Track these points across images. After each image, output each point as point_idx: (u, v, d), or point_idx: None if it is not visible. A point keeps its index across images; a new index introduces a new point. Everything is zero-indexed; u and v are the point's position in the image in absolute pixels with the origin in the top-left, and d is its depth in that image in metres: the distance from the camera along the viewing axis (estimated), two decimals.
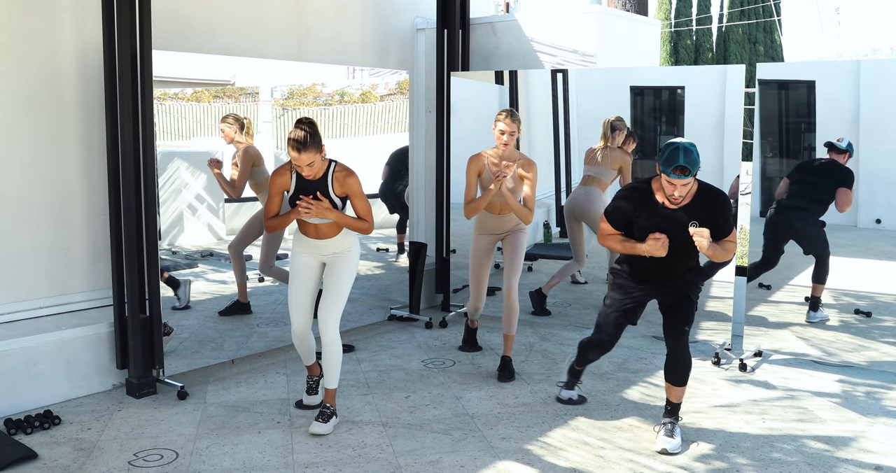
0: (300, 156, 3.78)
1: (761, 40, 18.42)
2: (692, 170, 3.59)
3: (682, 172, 3.58)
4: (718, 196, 3.86)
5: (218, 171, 5.15)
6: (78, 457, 3.74)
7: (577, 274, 6.21)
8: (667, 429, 3.90)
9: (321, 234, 4.04)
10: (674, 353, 3.90)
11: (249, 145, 5.19)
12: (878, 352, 5.10)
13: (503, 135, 4.71)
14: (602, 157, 5.68)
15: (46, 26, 4.56)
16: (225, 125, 5.13)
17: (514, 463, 3.70)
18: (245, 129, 5.16)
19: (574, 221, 5.90)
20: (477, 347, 5.51)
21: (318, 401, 4.36)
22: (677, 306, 3.94)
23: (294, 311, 4.13)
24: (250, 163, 5.18)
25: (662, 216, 3.79)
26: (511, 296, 4.87)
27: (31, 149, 4.57)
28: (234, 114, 5.18)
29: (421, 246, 6.31)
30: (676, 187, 3.65)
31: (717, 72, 7.31)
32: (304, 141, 3.76)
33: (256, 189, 5.27)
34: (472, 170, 4.86)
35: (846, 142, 5.06)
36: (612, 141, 5.65)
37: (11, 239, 4.53)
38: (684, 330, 3.90)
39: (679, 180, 3.61)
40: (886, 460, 3.76)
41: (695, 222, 3.74)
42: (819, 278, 5.27)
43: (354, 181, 3.97)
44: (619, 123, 5.64)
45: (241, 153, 5.17)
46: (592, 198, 5.75)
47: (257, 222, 5.36)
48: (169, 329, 4.78)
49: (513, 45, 6.48)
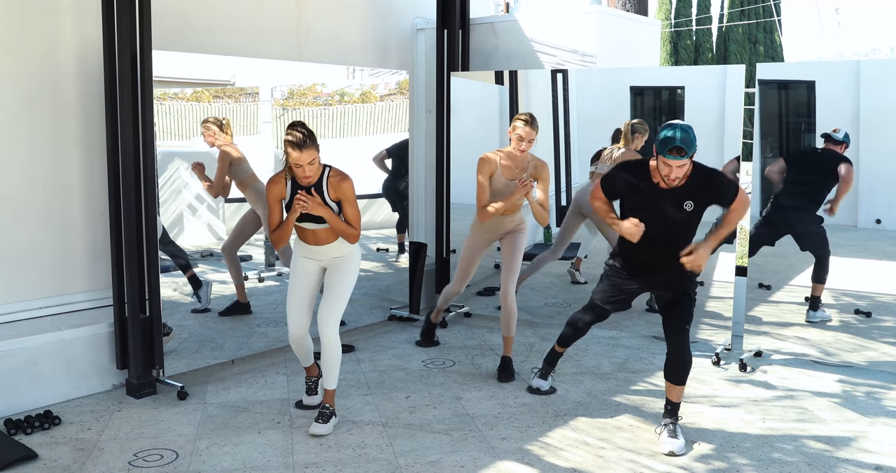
0: (301, 154, 3.78)
1: (761, 40, 18.41)
2: (688, 151, 3.63)
3: (678, 153, 3.63)
4: (711, 174, 3.92)
5: (202, 174, 5.16)
6: (78, 457, 3.74)
7: (577, 274, 6.21)
8: (669, 430, 3.90)
9: (320, 240, 4.05)
10: (674, 351, 3.91)
11: (224, 145, 5.16)
12: (878, 352, 5.10)
13: (521, 142, 4.66)
14: (618, 157, 5.72)
15: (46, 26, 4.56)
16: (204, 130, 5.11)
17: (514, 463, 3.70)
18: (223, 128, 5.14)
19: (576, 215, 5.90)
20: (435, 342, 5.54)
21: (317, 401, 4.37)
22: (676, 304, 3.95)
23: (291, 315, 4.13)
24: (226, 163, 5.18)
25: (655, 196, 3.84)
26: (508, 299, 4.87)
27: (31, 149, 4.57)
28: (212, 117, 5.15)
29: (421, 246, 6.31)
30: (672, 168, 3.69)
31: (717, 72, 7.31)
32: (304, 139, 3.77)
33: (241, 187, 5.27)
34: (485, 173, 4.78)
35: (843, 134, 5.07)
36: (631, 142, 5.68)
37: (12, 239, 4.53)
38: (684, 328, 3.91)
39: (675, 161, 3.65)
40: (886, 460, 3.76)
41: (689, 202, 3.80)
42: (819, 277, 5.26)
43: (349, 186, 3.98)
44: (639, 126, 5.66)
45: (219, 154, 5.16)
46: None
47: (248, 222, 5.35)
48: (168, 329, 4.79)
49: (513, 45, 6.48)
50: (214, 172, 5.19)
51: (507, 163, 4.77)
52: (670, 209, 3.83)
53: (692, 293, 4.01)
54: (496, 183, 4.78)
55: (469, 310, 6.41)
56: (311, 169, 3.85)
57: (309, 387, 4.39)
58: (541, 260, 6.01)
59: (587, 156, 6.00)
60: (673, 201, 3.82)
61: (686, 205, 3.81)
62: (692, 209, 3.83)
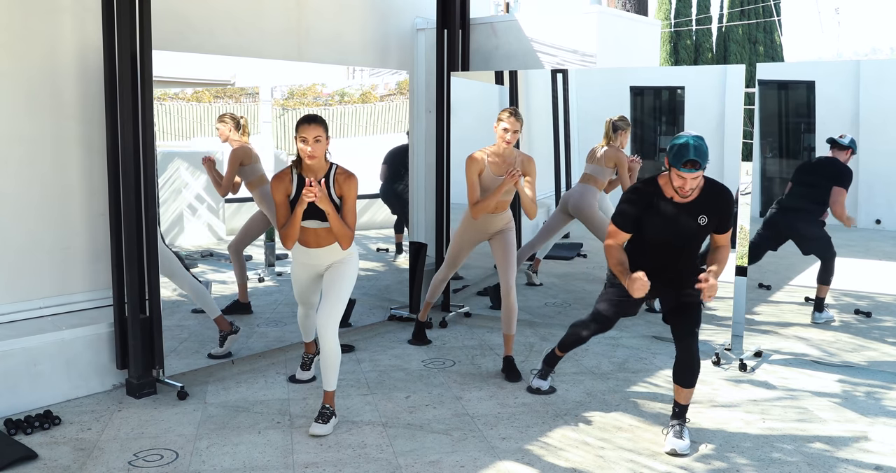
0: (308, 126, 3.87)
1: (761, 40, 18.42)
2: (702, 163, 3.66)
3: (693, 166, 3.65)
4: (723, 191, 3.95)
5: (210, 167, 5.17)
6: (78, 457, 3.74)
7: (533, 276, 6.23)
8: (675, 431, 3.89)
9: (322, 241, 4.06)
10: (683, 355, 3.89)
11: (240, 145, 5.18)
12: (878, 352, 5.10)
13: (507, 133, 4.71)
14: (600, 156, 5.71)
15: (46, 26, 4.56)
16: (220, 124, 5.14)
17: (514, 463, 3.70)
18: (241, 128, 5.16)
19: (562, 214, 5.91)
20: (426, 341, 5.58)
21: (308, 377, 4.67)
22: (685, 308, 3.95)
23: (299, 297, 4.42)
24: (237, 162, 5.18)
25: (671, 212, 3.85)
26: (510, 297, 4.87)
27: (31, 149, 4.57)
28: (231, 114, 5.18)
29: (421, 247, 6.31)
30: (687, 181, 3.71)
31: (717, 72, 7.31)
32: (314, 116, 3.91)
33: (251, 187, 5.27)
34: (473, 171, 4.84)
35: (848, 139, 5.06)
36: (614, 140, 5.67)
37: (11, 239, 4.53)
38: (694, 331, 3.90)
39: (690, 174, 3.67)
40: (886, 460, 3.76)
41: (703, 216, 3.83)
42: (824, 279, 5.27)
43: (354, 184, 3.99)
44: (621, 123, 5.65)
45: (231, 152, 5.17)
46: (586, 195, 5.79)
47: (256, 222, 5.36)
48: (236, 328, 5.07)
49: (513, 45, 6.49)
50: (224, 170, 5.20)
51: (494, 160, 4.82)
52: (686, 223, 3.85)
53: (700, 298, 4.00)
54: (485, 180, 4.82)
55: (469, 310, 6.41)
56: (317, 148, 3.87)
57: (304, 362, 4.66)
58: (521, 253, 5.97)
59: None
60: (688, 215, 3.84)
61: (700, 219, 3.85)
62: (706, 223, 3.86)
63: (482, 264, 6.18)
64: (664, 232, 3.87)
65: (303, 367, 4.65)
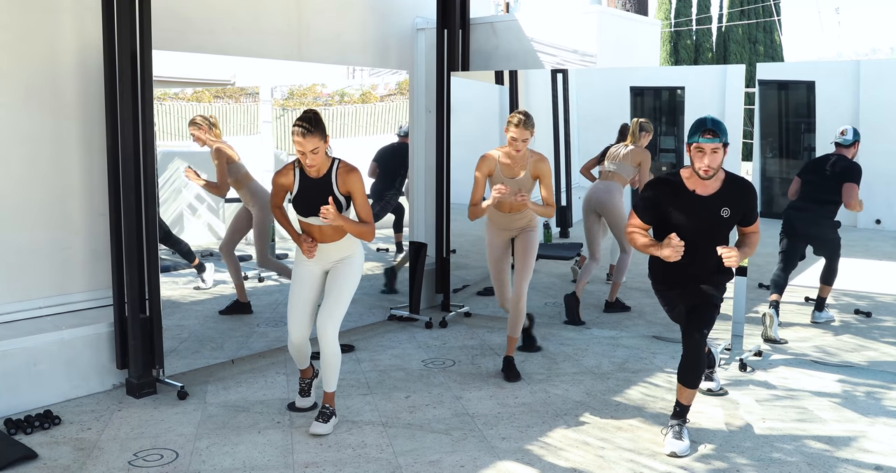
0: (304, 140, 3.75)
1: (761, 40, 18.41)
2: (720, 133, 3.69)
3: (711, 134, 3.68)
4: (746, 184, 3.97)
5: (198, 179, 5.16)
6: (78, 457, 3.74)
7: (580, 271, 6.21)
8: (675, 432, 3.88)
9: (325, 237, 4.02)
10: (688, 354, 3.87)
11: (220, 143, 5.16)
12: (878, 352, 5.10)
13: (515, 142, 4.66)
14: (625, 154, 5.75)
15: (46, 26, 4.56)
16: (194, 128, 5.09)
17: (514, 463, 3.70)
18: (213, 127, 5.14)
19: (592, 215, 5.92)
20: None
21: (309, 404, 4.36)
22: (700, 309, 3.93)
23: (292, 321, 4.09)
24: (224, 160, 5.18)
25: (694, 204, 3.85)
26: (520, 303, 4.86)
27: (31, 149, 4.57)
28: (201, 115, 5.14)
29: (421, 246, 6.31)
30: (706, 153, 3.71)
31: (717, 72, 7.31)
32: (308, 125, 3.75)
33: (236, 186, 5.26)
34: (483, 170, 4.79)
35: (851, 133, 5.07)
36: (638, 140, 5.73)
37: (11, 238, 4.53)
38: (702, 331, 3.88)
39: (709, 144, 3.68)
40: (886, 460, 3.76)
41: (726, 209, 3.84)
42: (827, 279, 5.27)
43: (357, 177, 3.95)
44: (647, 125, 5.78)
45: (213, 152, 5.15)
46: (612, 191, 5.83)
47: (241, 220, 5.35)
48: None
49: (513, 45, 6.49)
50: (211, 174, 5.19)
51: (506, 161, 4.77)
52: (710, 216, 3.85)
53: (718, 301, 4.00)
54: (496, 180, 4.77)
55: (469, 310, 6.41)
56: (315, 158, 3.82)
57: (302, 388, 4.37)
58: (588, 267, 6.01)
59: (587, 156, 6.00)
60: (711, 207, 3.85)
61: (723, 212, 3.85)
62: (729, 216, 3.87)
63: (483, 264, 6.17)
64: (688, 223, 3.86)
65: (301, 394, 4.38)
